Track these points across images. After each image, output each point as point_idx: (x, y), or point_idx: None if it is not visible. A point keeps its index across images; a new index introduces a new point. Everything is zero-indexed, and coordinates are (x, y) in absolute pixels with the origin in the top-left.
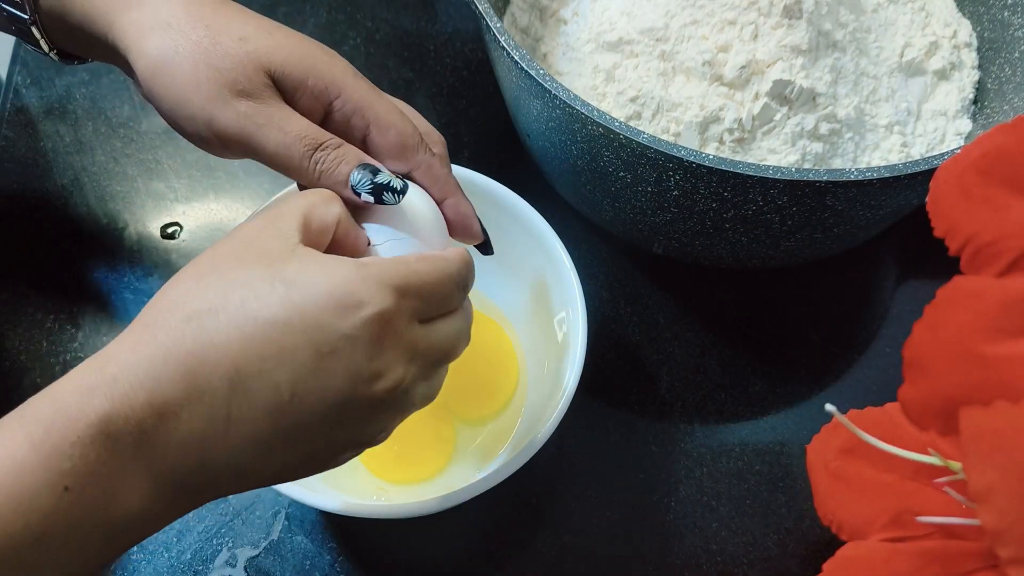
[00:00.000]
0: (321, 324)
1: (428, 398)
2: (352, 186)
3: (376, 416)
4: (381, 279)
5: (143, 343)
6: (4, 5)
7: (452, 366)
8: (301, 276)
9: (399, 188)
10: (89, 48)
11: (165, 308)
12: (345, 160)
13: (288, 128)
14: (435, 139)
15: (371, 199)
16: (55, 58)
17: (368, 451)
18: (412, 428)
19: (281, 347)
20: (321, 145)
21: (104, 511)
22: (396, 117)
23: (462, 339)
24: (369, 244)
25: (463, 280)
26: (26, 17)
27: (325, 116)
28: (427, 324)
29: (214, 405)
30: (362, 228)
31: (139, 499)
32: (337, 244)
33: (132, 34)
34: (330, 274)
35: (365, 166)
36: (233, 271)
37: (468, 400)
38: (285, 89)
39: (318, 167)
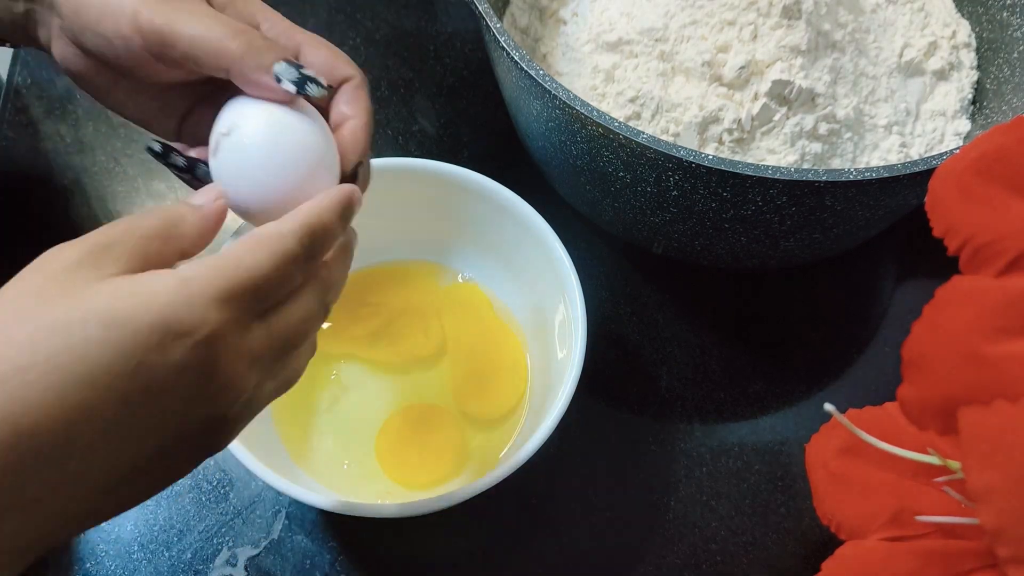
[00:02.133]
0: (147, 364)
1: (283, 389)
2: (276, 73)
3: (222, 430)
4: (206, 295)
5: None
6: None
7: (462, 369)
8: (117, 313)
9: (324, 84)
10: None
11: None
12: (273, 48)
13: (214, 16)
14: (356, 75)
15: (292, 88)
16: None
17: (387, 458)
18: (432, 435)
19: (108, 393)
20: (248, 31)
21: None
22: (324, 42)
23: (313, 319)
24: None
25: (307, 252)
26: None
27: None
28: (267, 318)
29: (39, 470)
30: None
31: None
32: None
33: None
34: (147, 306)
35: (291, 62)
36: (38, 312)
37: (479, 401)
38: (213, 5)
39: (242, 44)
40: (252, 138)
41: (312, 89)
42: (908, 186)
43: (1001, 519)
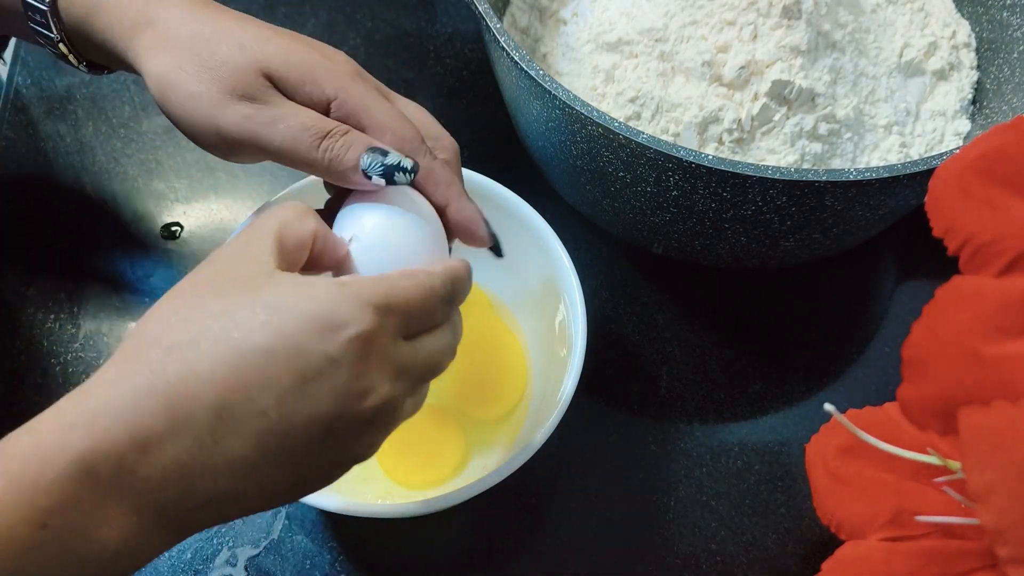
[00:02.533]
0: (304, 348)
1: (413, 412)
2: (363, 170)
3: (364, 434)
4: (361, 298)
5: (123, 377)
6: (32, 25)
7: (463, 369)
8: (281, 301)
9: (410, 167)
10: (114, 64)
11: (145, 341)
12: (354, 144)
13: (292, 121)
14: (444, 144)
15: (383, 182)
16: (85, 70)
17: (388, 458)
18: (429, 434)
19: (265, 374)
20: (328, 133)
21: (84, 546)
22: (394, 121)
23: (447, 354)
24: (348, 252)
25: (449, 295)
26: (53, 36)
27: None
28: (412, 340)
29: (199, 435)
30: (342, 239)
31: (121, 533)
32: (315, 257)
33: (143, 57)
34: (310, 297)
35: (374, 149)
36: (212, 301)
37: (479, 402)
38: (284, 91)
39: (327, 155)
40: (371, 242)
41: (400, 178)
42: (908, 186)
43: (1001, 519)
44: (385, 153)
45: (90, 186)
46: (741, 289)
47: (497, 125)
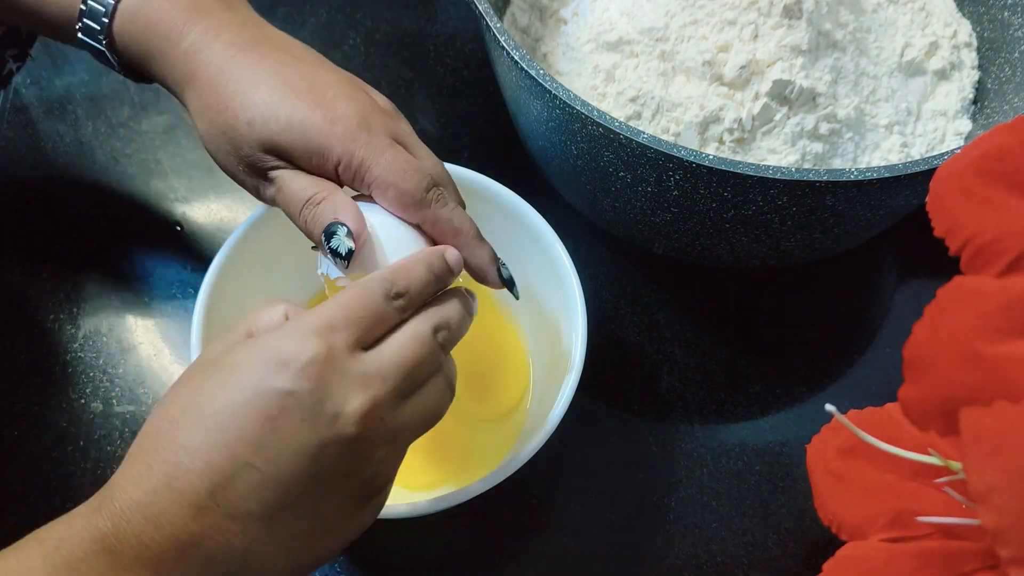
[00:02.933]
0: (262, 391)
1: (423, 419)
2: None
3: (360, 455)
4: (303, 327)
5: (129, 465)
6: (84, 38)
7: (465, 367)
8: (237, 360)
9: (344, 254)
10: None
11: (147, 431)
12: (319, 218)
13: (287, 192)
14: (452, 190)
15: (330, 259)
16: (133, 80)
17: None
18: (431, 434)
19: (239, 427)
20: (308, 201)
21: None
22: (395, 176)
23: (418, 348)
24: None
25: (389, 291)
26: (115, 68)
27: (336, 177)
28: (372, 349)
29: (199, 502)
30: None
31: None
32: None
33: (191, 115)
34: (258, 345)
35: (332, 225)
36: (190, 382)
37: (482, 399)
38: (292, 162)
39: (306, 224)
40: (379, 236)
41: (336, 262)
42: (909, 186)
43: (1002, 519)
44: (332, 234)
45: (90, 186)
46: (742, 289)
47: (497, 125)
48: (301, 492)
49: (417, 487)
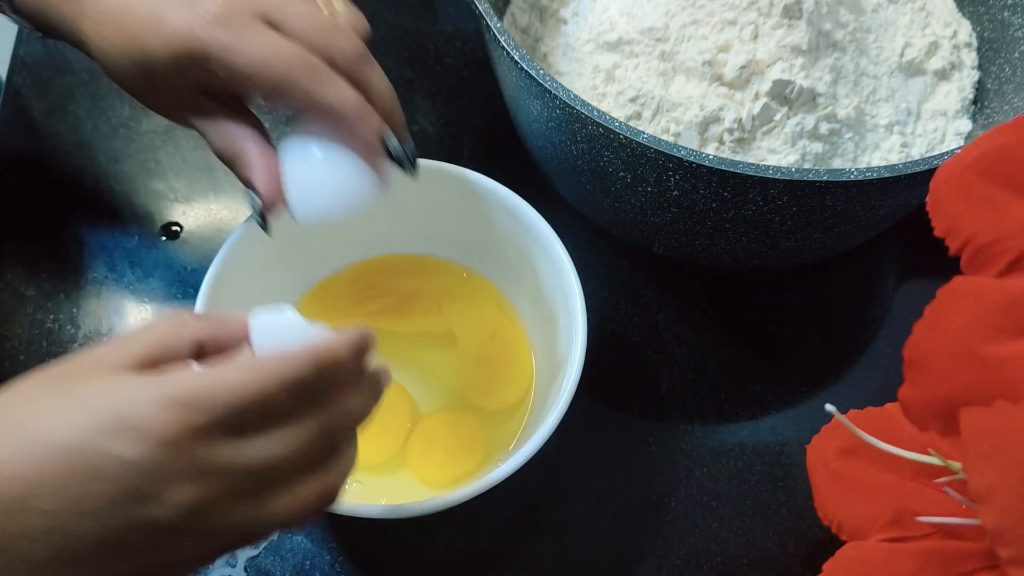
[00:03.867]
0: (95, 448)
1: (270, 523)
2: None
3: (167, 542)
4: (167, 397)
5: None
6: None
7: (473, 361)
8: (90, 399)
9: (260, 224)
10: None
11: None
12: (242, 183)
13: (213, 151)
14: (323, 43)
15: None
16: (39, 34)
17: (415, 459)
18: (450, 431)
19: (54, 470)
20: (226, 163)
21: None
22: (255, 66)
23: (283, 455)
24: (247, 330)
25: (297, 385)
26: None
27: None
28: (241, 440)
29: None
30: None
31: None
32: (211, 352)
33: (88, 27)
34: (116, 396)
35: (248, 191)
36: (38, 387)
37: (487, 392)
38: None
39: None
40: (300, 183)
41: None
42: (909, 186)
43: (1002, 519)
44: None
45: (90, 186)
46: (742, 289)
47: (497, 125)
48: (94, 557)
49: (442, 484)
